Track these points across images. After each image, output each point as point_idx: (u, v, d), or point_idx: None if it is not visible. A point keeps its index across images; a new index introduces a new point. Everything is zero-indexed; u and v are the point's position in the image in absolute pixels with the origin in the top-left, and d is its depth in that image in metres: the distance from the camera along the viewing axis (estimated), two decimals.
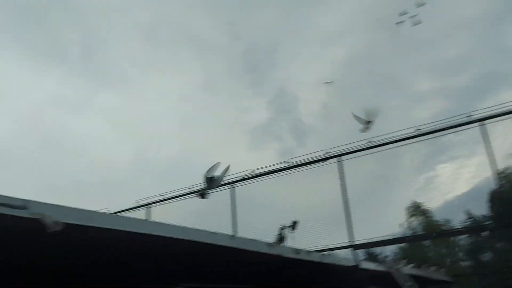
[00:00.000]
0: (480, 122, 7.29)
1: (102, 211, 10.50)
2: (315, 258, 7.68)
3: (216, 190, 9.41)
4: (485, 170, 7.27)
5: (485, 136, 7.29)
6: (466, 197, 8.63)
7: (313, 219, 8.75)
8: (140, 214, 10.54)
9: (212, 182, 6.24)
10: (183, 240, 4.36)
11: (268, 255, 6.29)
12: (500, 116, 7.12)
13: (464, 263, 25.92)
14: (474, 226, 7.75)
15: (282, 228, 8.16)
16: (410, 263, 12.57)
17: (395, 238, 7.94)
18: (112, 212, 10.19)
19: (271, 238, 8.30)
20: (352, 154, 8.40)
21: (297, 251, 7.10)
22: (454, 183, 8.50)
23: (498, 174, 7.27)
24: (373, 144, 8.19)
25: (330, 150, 8.55)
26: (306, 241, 8.51)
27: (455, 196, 8.57)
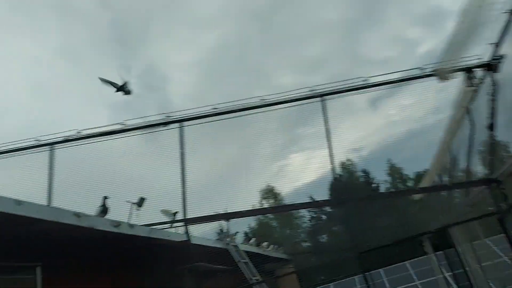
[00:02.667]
0: (322, 98, 7.25)
1: None
2: (142, 232, 6.80)
3: (33, 152, 7.88)
4: (329, 162, 7.57)
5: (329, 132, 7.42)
6: (312, 185, 8.91)
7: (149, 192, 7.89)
8: None
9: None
10: None
11: (75, 227, 5.18)
12: (338, 93, 7.16)
13: (304, 244, 27.94)
14: (311, 202, 7.77)
15: (106, 198, 7.08)
16: (252, 241, 12.58)
17: (229, 213, 7.48)
18: None
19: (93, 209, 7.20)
20: (195, 120, 7.68)
21: (117, 223, 6.12)
22: (303, 171, 8.76)
23: (340, 165, 7.51)
24: (218, 111, 7.59)
25: (171, 114, 7.68)
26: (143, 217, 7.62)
27: (303, 184, 8.80)
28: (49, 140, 7.72)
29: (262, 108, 7.61)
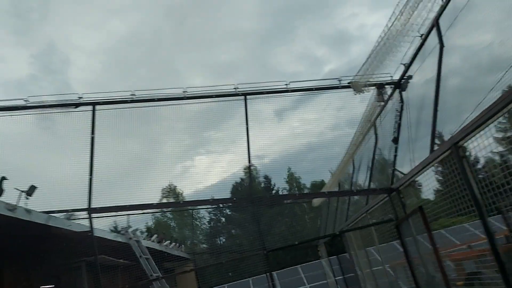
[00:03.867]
0: (245, 97, 7.31)
1: None
2: (40, 219, 6.20)
3: None
4: (233, 166, 7.64)
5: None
6: (214, 187, 8.97)
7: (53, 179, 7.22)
8: None
9: None
10: None
11: None
12: (261, 94, 7.27)
13: (202, 245, 27.90)
14: (215, 199, 7.76)
15: (4, 179, 6.30)
16: (154, 238, 12.20)
17: (139, 204, 7.18)
18: None
19: None
20: (110, 104, 7.26)
21: (12, 207, 5.51)
22: (206, 174, 8.77)
23: (244, 169, 7.62)
24: (137, 98, 7.26)
25: (83, 96, 7.17)
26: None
27: (206, 186, 8.83)
28: None
29: (183, 101, 7.44)
